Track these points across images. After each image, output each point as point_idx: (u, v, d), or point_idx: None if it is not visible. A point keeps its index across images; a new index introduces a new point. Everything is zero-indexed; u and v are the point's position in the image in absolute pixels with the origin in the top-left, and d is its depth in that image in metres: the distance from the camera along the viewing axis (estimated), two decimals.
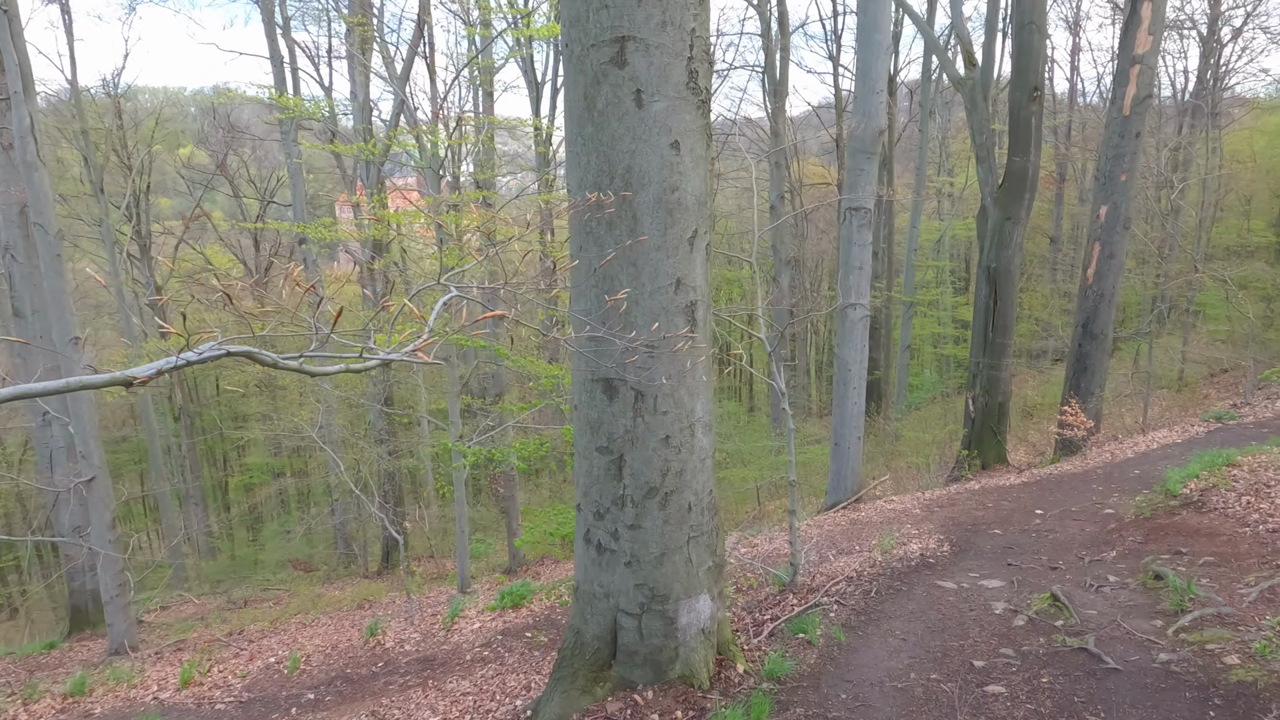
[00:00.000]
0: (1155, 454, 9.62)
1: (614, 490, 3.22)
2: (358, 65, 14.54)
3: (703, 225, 3.10)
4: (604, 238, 2.98)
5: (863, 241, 9.54)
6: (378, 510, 15.85)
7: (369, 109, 15.69)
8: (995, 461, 12.92)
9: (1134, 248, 22.75)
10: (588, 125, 2.95)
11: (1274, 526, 5.59)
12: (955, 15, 13.95)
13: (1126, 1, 11.22)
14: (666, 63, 2.84)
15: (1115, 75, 11.36)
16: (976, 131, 12.92)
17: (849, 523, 8.33)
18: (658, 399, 3.11)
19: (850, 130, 9.38)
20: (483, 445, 9.82)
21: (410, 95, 15.58)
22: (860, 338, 9.89)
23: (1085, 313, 11.86)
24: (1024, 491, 8.80)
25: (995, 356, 12.61)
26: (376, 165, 14.34)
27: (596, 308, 3.08)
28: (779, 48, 20.01)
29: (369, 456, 15.79)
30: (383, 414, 14.37)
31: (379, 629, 6.90)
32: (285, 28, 17.55)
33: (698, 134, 2.99)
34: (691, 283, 3.08)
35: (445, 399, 17.44)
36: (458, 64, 24.50)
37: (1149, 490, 7.56)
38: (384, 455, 15.60)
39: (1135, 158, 11.39)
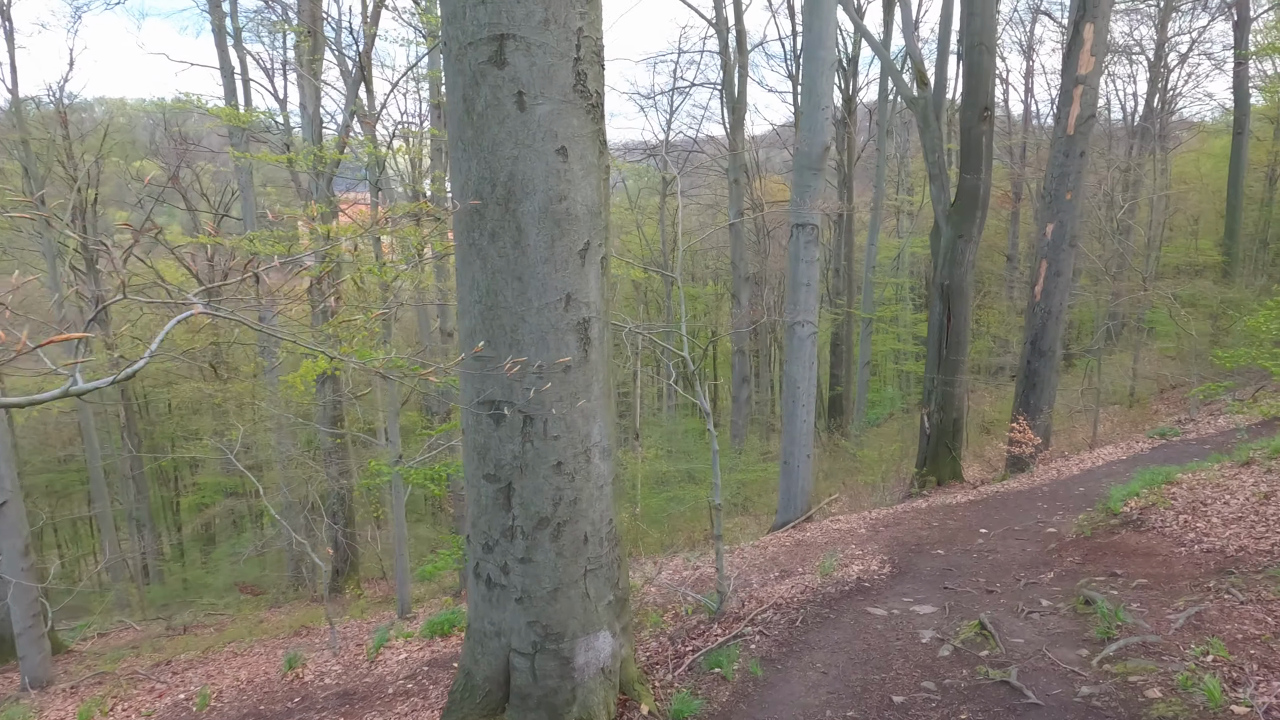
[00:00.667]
0: (1100, 471, 9.58)
1: (502, 521, 2.98)
2: (306, 77, 14.21)
3: (596, 237, 2.90)
4: (487, 250, 2.77)
5: (810, 257, 9.43)
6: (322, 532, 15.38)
7: (319, 121, 15.36)
8: (950, 478, 12.86)
9: (1087, 266, 23.07)
10: (467, 129, 2.74)
11: (1208, 546, 5.50)
12: (907, 36, 14.02)
13: (1069, 24, 11.31)
14: (550, 63, 2.65)
15: (1059, 95, 11.44)
16: (929, 150, 12.95)
17: (794, 543, 8.15)
18: (548, 423, 2.89)
19: (796, 146, 9.29)
20: (425, 464, 9.50)
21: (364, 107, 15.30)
22: (809, 354, 9.76)
23: (1034, 330, 11.87)
24: (970, 510, 8.70)
25: (949, 373, 12.57)
26: (325, 178, 14.01)
27: (481, 326, 2.86)
28: (737, 65, 20.03)
29: (319, 476, 15.35)
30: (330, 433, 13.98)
31: (299, 661, 6.55)
32: (236, 39, 17.20)
33: (588, 140, 2.80)
34: (584, 298, 2.88)
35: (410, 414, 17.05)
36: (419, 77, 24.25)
37: (1092, 508, 7.48)
38: (332, 475, 15.18)
39: (1080, 176, 11.45)
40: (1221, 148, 28.26)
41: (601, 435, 3.08)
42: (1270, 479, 6.73)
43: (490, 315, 2.82)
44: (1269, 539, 5.37)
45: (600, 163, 2.89)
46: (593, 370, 2.97)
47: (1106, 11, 11.00)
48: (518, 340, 2.81)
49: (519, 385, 2.84)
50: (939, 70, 14.90)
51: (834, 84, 9.18)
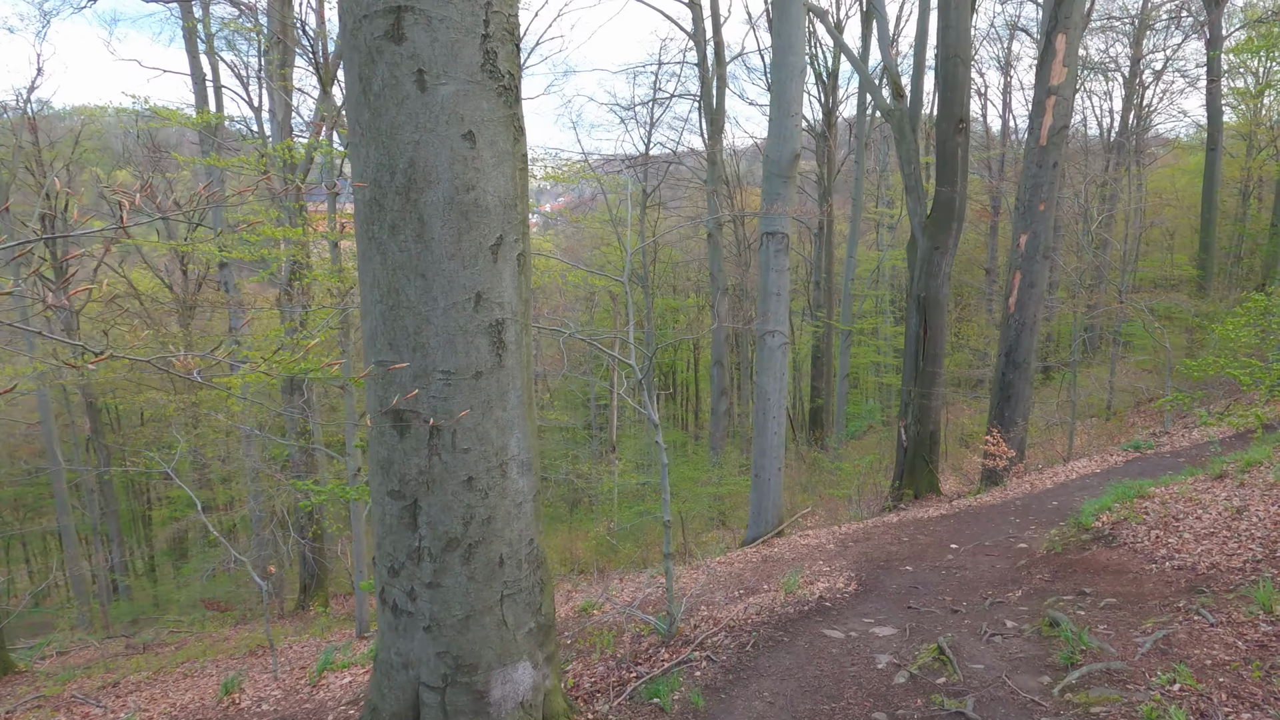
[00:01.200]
0: (1074, 484, 9.40)
1: (408, 542, 2.71)
2: (275, 85, 13.93)
3: (512, 231, 2.65)
4: (387, 245, 2.51)
5: (780, 266, 9.23)
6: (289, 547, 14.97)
7: (289, 129, 15.07)
8: (928, 490, 12.69)
9: (1064, 279, 23.07)
10: (364, 111, 2.49)
11: (1179, 563, 5.29)
12: (883, 49, 13.91)
13: (1041, 35, 11.22)
14: (454, 39, 2.40)
15: (1032, 106, 11.33)
16: (905, 162, 12.83)
17: (761, 559, 7.89)
18: (457, 434, 2.62)
19: (765, 154, 9.10)
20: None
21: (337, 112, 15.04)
22: (779, 365, 9.54)
23: (1008, 341, 11.72)
24: (942, 524, 8.47)
25: (926, 385, 12.41)
26: (294, 184, 13.72)
27: (382, 328, 2.60)
28: (715, 77, 19.91)
29: (284, 489, 14.97)
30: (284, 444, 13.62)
31: (236, 686, 6.21)
32: (209, 45, 16.90)
33: (500, 125, 2.55)
34: (497, 298, 2.62)
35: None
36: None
37: (1063, 523, 7.27)
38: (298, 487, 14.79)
39: (1053, 187, 11.33)
40: (1196, 164, 28.50)
41: (520, 448, 2.82)
42: (1243, 493, 6.54)
43: (392, 316, 2.56)
44: (1240, 555, 5.17)
45: (516, 151, 2.64)
46: (509, 377, 2.71)
47: (1078, 23, 10.92)
48: (422, 344, 2.55)
49: (425, 393, 2.58)
50: (915, 84, 14.82)
51: (804, 91, 9.01)
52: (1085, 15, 25.19)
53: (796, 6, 8.62)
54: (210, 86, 17.22)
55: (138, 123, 19.32)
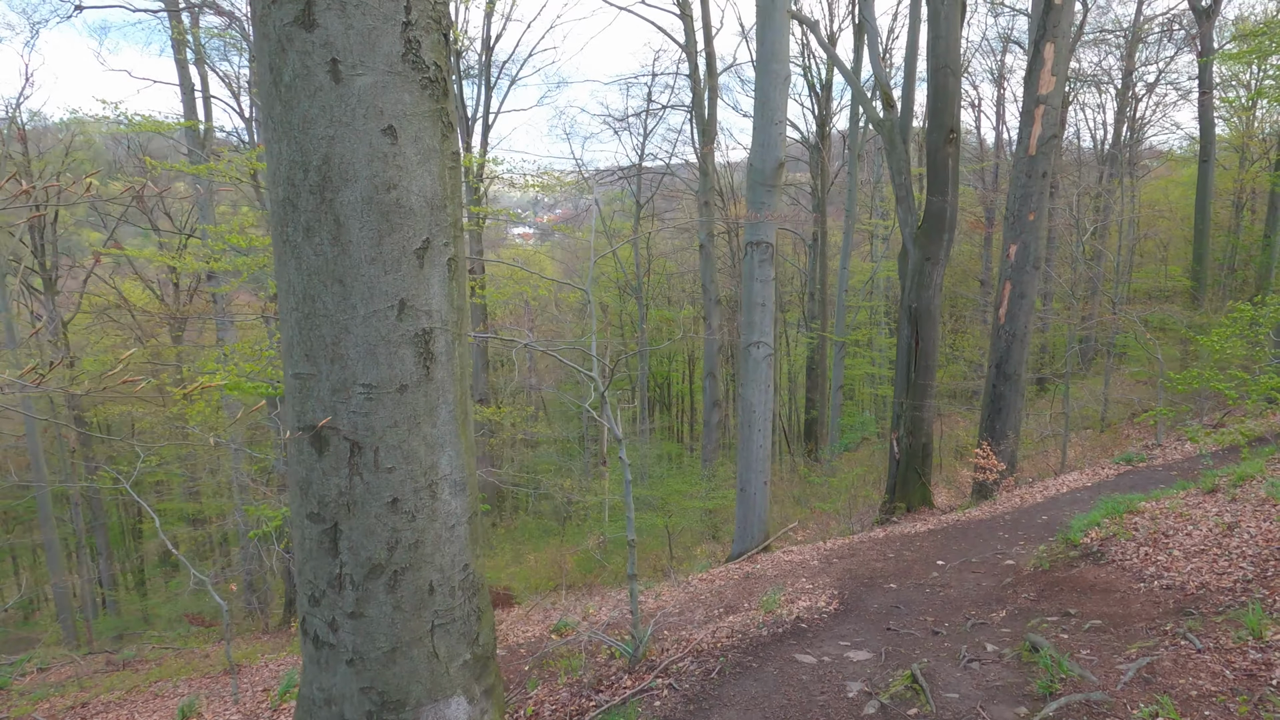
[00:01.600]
0: (1064, 498, 9.19)
1: (329, 569, 2.51)
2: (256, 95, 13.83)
3: (440, 235, 2.46)
4: (302, 248, 2.32)
5: (764, 276, 9.05)
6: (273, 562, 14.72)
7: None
8: (920, 503, 12.49)
9: (1058, 290, 22.93)
10: (276, 104, 2.31)
11: (1168, 582, 5.08)
12: (874, 60, 13.80)
13: (1030, 44, 11.10)
14: (371, 27, 2.22)
15: (1021, 116, 11.19)
16: (896, 172, 12.70)
17: (742, 576, 7.67)
18: (380, 452, 2.43)
19: (749, 162, 8.94)
20: None
21: None
22: (764, 377, 9.34)
23: (998, 353, 11.53)
24: (930, 540, 8.26)
25: (918, 397, 12.24)
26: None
27: (299, 337, 2.41)
28: (707, 88, 19.82)
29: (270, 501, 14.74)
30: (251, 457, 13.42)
31: (193, 710, 5.99)
32: (198, 54, 16.80)
33: (425, 120, 2.37)
34: (423, 305, 2.43)
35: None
36: None
37: (1052, 539, 7.06)
38: (283, 501, 14.56)
39: (1043, 197, 11.17)
40: (1189, 176, 28.46)
41: (453, 467, 2.62)
42: (1234, 508, 6.34)
43: (308, 325, 2.37)
44: (1230, 575, 4.96)
45: (444, 148, 2.46)
46: (438, 391, 2.52)
47: (1066, 31, 10.79)
48: (340, 354, 2.36)
49: (345, 408, 2.39)
50: (906, 95, 14.72)
51: (790, 99, 8.85)
52: (1079, 29, 25.20)
53: (780, 14, 8.48)
54: (200, 96, 17.12)
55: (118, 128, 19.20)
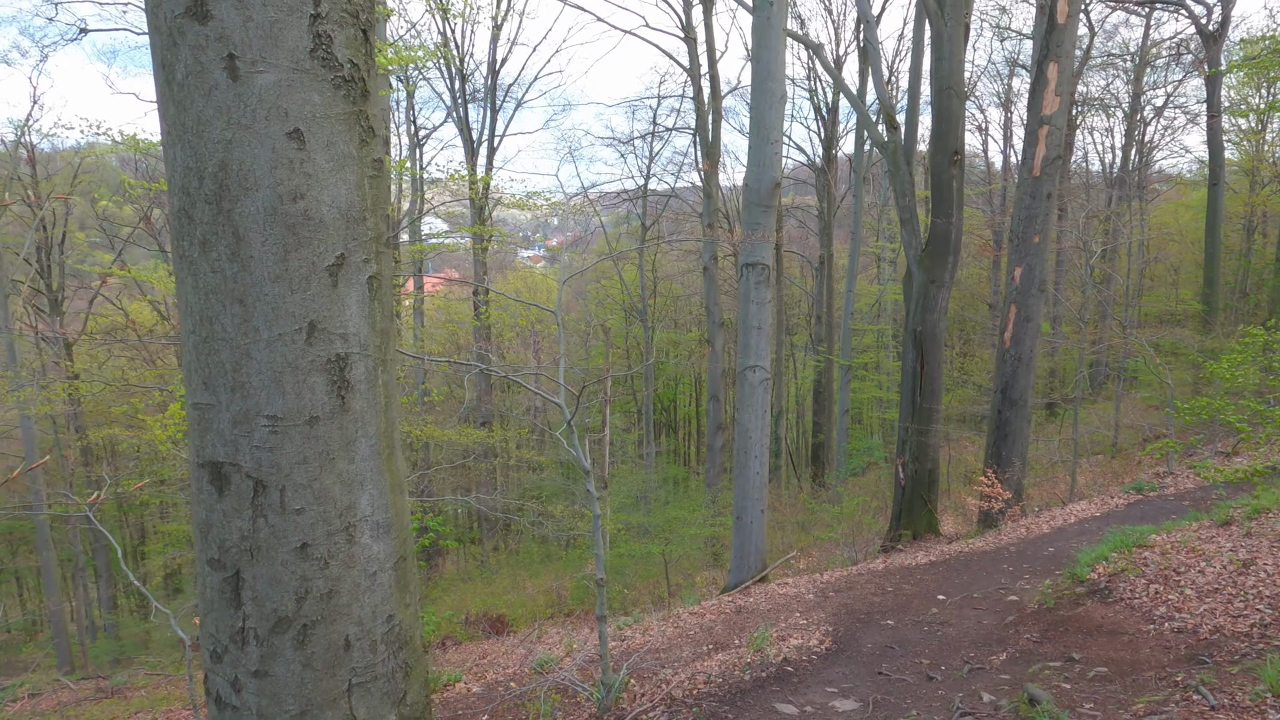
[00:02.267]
0: (1072, 529, 8.82)
1: (231, 621, 2.24)
2: None
3: (358, 249, 2.21)
4: (198, 264, 2.08)
5: (760, 299, 8.78)
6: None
7: None
8: (926, 531, 12.18)
9: (1067, 314, 22.56)
10: (169, 104, 2.07)
11: (1179, 625, 4.73)
12: (876, 81, 13.63)
13: (1033, 64, 10.88)
14: (273, 19, 1.99)
15: (1025, 136, 10.95)
16: (899, 195, 12.50)
17: (734, 610, 7.34)
18: (287, 492, 2.16)
19: (745, 182, 8.71)
20: None
21: None
22: (761, 402, 9.05)
23: (1004, 378, 11.21)
24: (931, 572, 7.90)
25: (924, 422, 11.96)
26: None
27: (196, 363, 2.16)
28: (711, 111, 19.70)
29: None
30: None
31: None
32: None
33: (339, 123, 2.13)
34: (338, 328, 2.18)
35: None
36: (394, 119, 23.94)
37: (1058, 573, 6.72)
38: None
39: (1048, 219, 10.90)
40: (1199, 199, 28.17)
41: (375, 507, 2.35)
42: (1250, 543, 5.99)
43: (206, 350, 2.12)
44: (1247, 618, 4.61)
45: (364, 155, 2.21)
46: (356, 422, 2.26)
47: (1070, 51, 10.57)
48: (242, 383, 2.10)
49: (247, 442, 2.13)
50: (910, 117, 14.55)
51: (786, 118, 8.64)
52: (1086, 53, 25.02)
53: (776, 33, 8.29)
54: None
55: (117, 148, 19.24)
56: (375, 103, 2.27)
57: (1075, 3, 10.37)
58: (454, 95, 22.76)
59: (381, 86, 11.66)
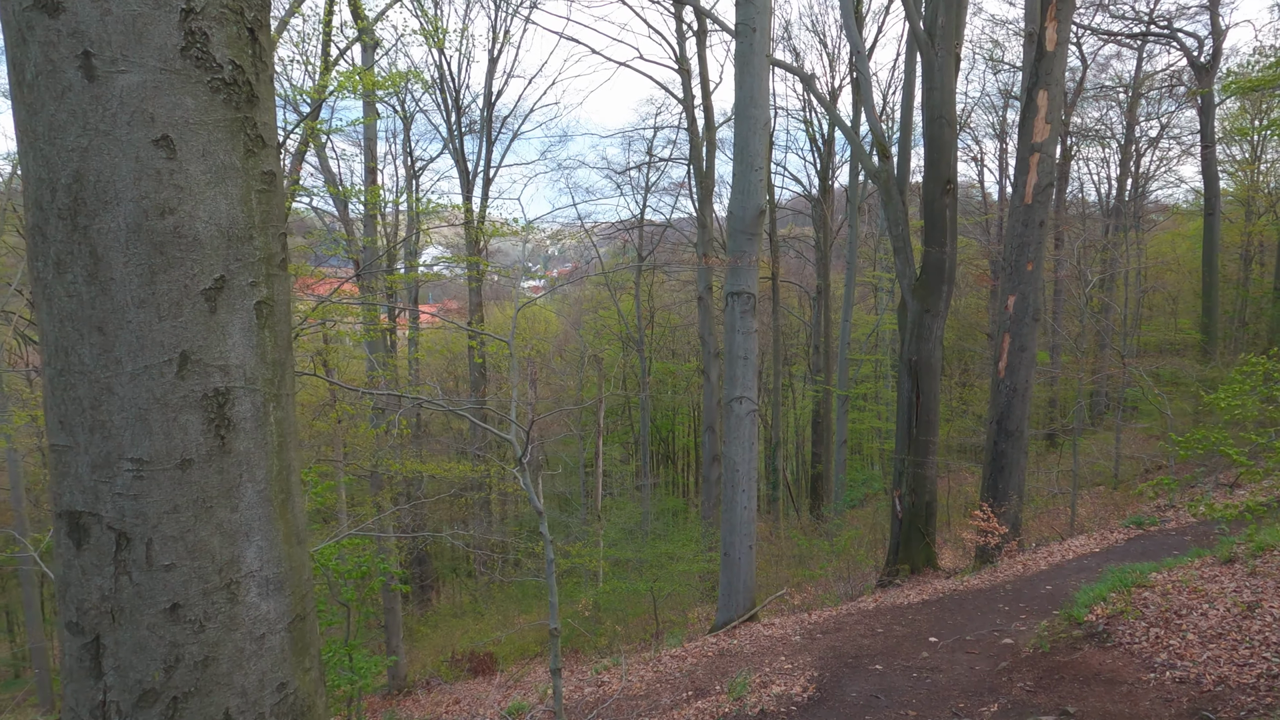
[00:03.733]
0: (1070, 566, 8.47)
1: (91, 693, 1.96)
2: None
3: (243, 272, 1.96)
4: (53, 287, 1.83)
5: (746, 329, 8.54)
6: None
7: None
8: (924, 565, 11.82)
9: (1066, 344, 22.29)
10: (20, 109, 1.84)
11: (1181, 675, 4.41)
12: (868, 110, 13.53)
13: (1023, 91, 10.74)
14: (136, 14, 1.77)
15: (1016, 164, 10.78)
16: (893, 224, 12.34)
17: (717, 653, 6.99)
18: (154, 545, 1.89)
19: (729, 210, 8.52)
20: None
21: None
22: (748, 434, 8.76)
23: (999, 409, 10.92)
24: (923, 612, 7.56)
25: (920, 454, 11.66)
26: None
27: (53, 401, 1.90)
28: (705, 142, 19.65)
29: None
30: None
31: None
32: None
33: (219, 131, 1.89)
34: (217, 360, 1.92)
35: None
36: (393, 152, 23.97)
37: (1055, 613, 6.38)
38: None
39: (1041, 247, 10.69)
40: (1195, 229, 28.13)
41: (264, 560, 2.08)
42: (1254, 584, 5.66)
43: (62, 383, 1.87)
44: (1253, 667, 4.29)
45: (250, 166, 1.97)
46: (240, 466, 1.99)
47: (1060, 79, 10.43)
48: (102, 421, 1.85)
49: (108, 489, 1.87)
50: (903, 146, 14.45)
51: (768, 143, 8.48)
52: (1080, 84, 25.05)
53: (759, 59, 8.14)
54: None
55: None
56: (266, 109, 2.04)
57: (1064, 31, 10.26)
58: (450, 127, 22.79)
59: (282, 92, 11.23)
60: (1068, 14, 10.22)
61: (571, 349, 30.77)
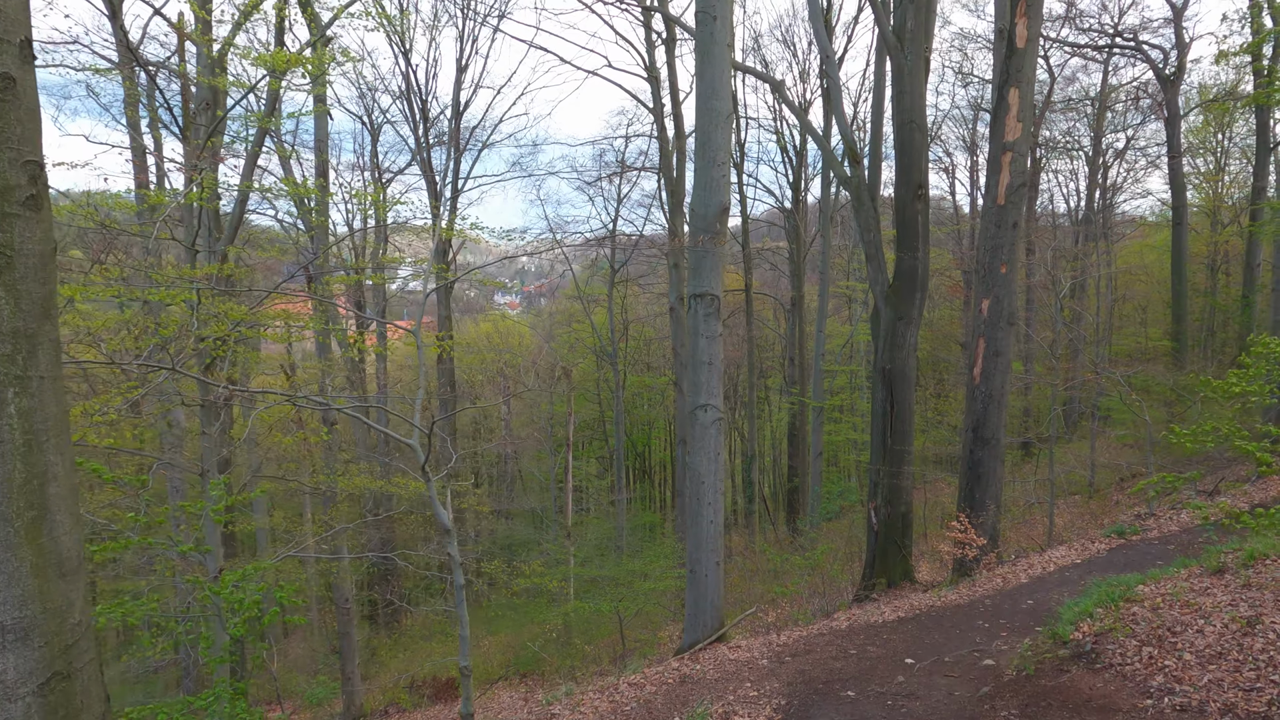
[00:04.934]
0: (1052, 579, 8.01)
1: None
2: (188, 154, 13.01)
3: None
4: None
5: (710, 332, 8.04)
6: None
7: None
8: (901, 578, 11.37)
9: (1040, 352, 22.04)
10: None
11: (1181, 701, 3.92)
12: (837, 115, 13.18)
13: (994, 89, 10.41)
14: None
15: (988, 164, 10.42)
16: (864, 230, 11.96)
17: (678, 680, 6.43)
18: None
19: (690, 208, 8.04)
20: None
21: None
22: (713, 444, 8.24)
23: (974, 416, 10.48)
24: (899, 631, 7.05)
25: (895, 464, 11.22)
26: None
27: None
28: (675, 150, 19.27)
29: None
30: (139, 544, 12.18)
31: None
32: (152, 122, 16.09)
33: None
34: None
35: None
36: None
37: (1038, 630, 5.90)
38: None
39: (1014, 249, 10.31)
40: (1163, 240, 28.22)
41: (3, 602, 1.52)
42: (1251, 596, 5.20)
43: None
44: (1261, 692, 3.81)
45: None
46: None
47: (1030, 77, 10.10)
48: None
49: None
50: (873, 152, 14.10)
51: (731, 137, 8.03)
52: (1047, 97, 25.00)
53: (720, 49, 7.71)
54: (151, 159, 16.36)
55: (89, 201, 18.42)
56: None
57: (1034, 27, 9.94)
58: (418, 139, 22.27)
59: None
60: (1038, 10, 9.90)
61: (545, 364, 30.22)
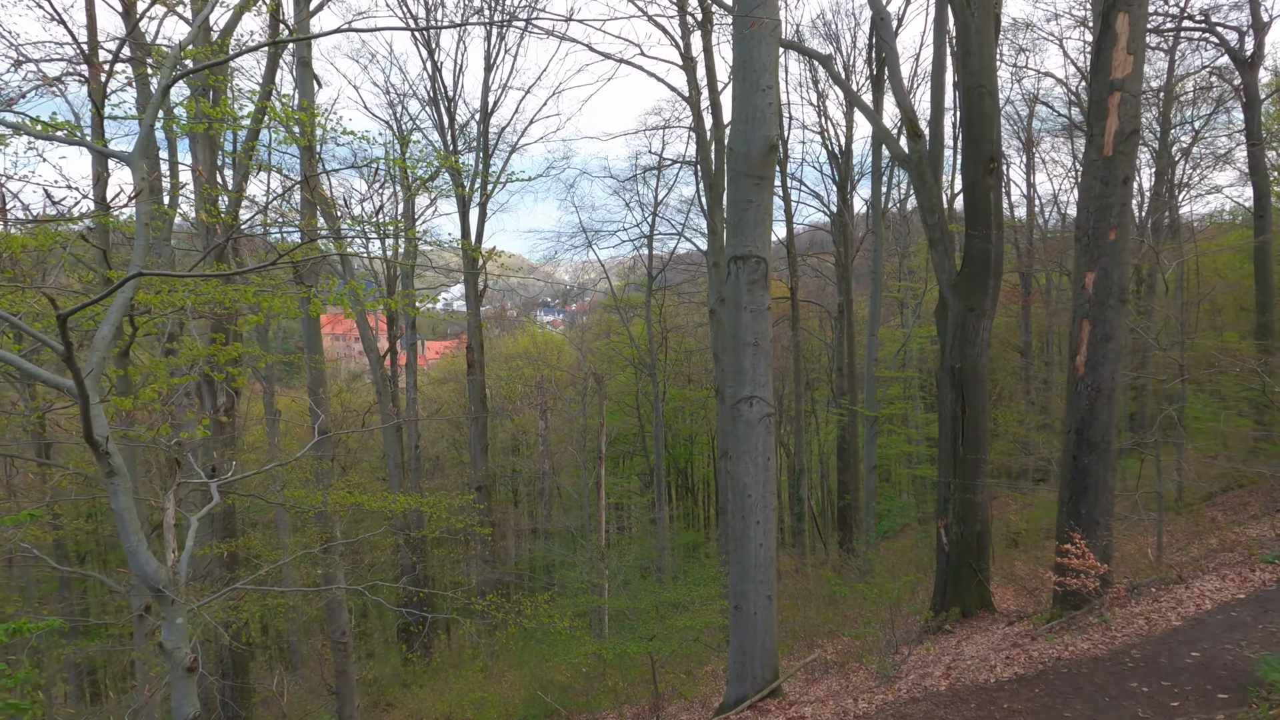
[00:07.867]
0: (1216, 620, 5.91)
1: None
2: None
3: None
4: None
5: (757, 305, 6.20)
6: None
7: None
8: (978, 607, 9.38)
9: (1139, 339, 19.59)
10: None
11: None
12: (895, 85, 11.35)
13: (1096, 16, 8.42)
14: None
15: (1091, 108, 8.38)
16: (927, 211, 10.09)
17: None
18: None
19: (729, 145, 6.26)
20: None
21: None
22: (762, 447, 6.36)
23: (1078, 414, 8.32)
24: (1024, 699, 5.03)
25: (969, 476, 9.25)
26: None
27: None
28: (713, 141, 17.55)
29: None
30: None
31: None
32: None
33: None
34: None
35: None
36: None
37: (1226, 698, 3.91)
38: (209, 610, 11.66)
39: (1125, 210, 8.22)
40: (1237, 239, 25.66)
41: None
42: None
43: None
44: None
45: None
46: None
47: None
48: None
49: None
50: (934, 123, 12.18)
51: (778, 58, 6.25)
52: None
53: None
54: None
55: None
56: None
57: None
58: (446, 146, 21.03)
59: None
60: None
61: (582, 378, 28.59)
